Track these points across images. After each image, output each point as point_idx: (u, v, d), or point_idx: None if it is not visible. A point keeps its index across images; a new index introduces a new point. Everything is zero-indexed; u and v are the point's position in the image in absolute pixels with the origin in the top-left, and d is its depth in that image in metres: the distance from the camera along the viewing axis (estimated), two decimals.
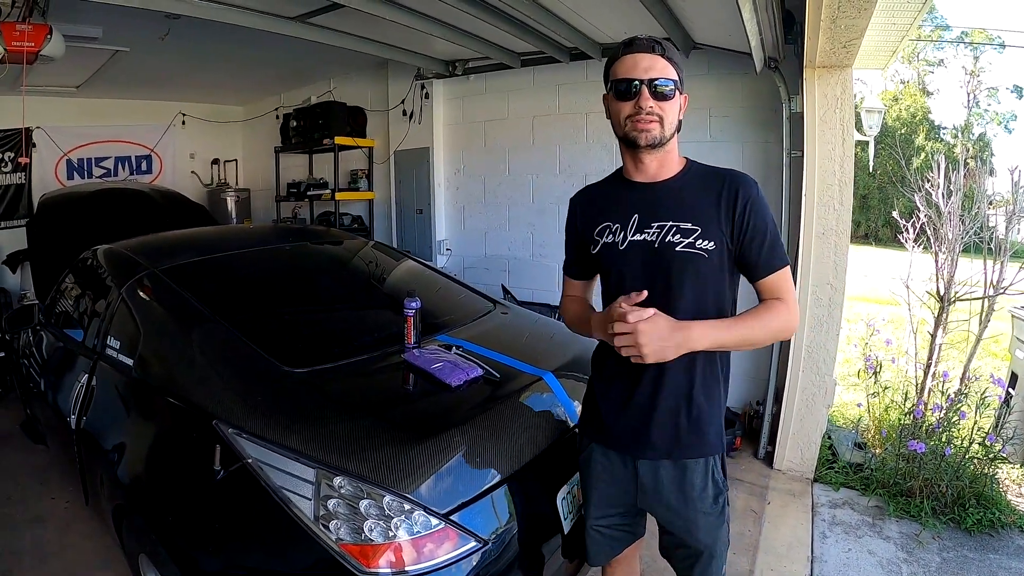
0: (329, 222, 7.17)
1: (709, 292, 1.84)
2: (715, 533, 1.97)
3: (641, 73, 1.78)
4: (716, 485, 1.94)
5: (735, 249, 1.82)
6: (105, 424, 2.76)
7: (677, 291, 1.82)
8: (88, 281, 3.52)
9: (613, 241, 1.91)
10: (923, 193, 4.34)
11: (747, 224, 1.79)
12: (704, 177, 1.88)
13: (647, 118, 1.79)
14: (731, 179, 1.83)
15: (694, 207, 1.82)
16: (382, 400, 2.51)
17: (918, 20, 4.00)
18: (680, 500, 1.94)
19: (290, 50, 5.76)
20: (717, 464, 1.94)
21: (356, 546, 1.83)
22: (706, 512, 1.93)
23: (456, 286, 3.85)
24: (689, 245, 1.79)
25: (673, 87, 1.79)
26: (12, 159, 7.02)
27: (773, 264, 1.82)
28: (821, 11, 3.07)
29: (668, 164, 1.88)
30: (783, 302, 1.83)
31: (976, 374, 4.26)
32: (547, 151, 5.84)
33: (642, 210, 1.87)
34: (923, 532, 3.64)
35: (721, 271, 1.83)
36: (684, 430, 1.88)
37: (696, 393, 1.87)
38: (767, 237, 1.81)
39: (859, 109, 7.71)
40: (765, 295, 1.85)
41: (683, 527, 1.97)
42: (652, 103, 1.78)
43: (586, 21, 4.50)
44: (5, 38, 3.62)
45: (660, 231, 1.83)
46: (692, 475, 1.91)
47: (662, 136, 1.81)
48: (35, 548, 3.46)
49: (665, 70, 1.78)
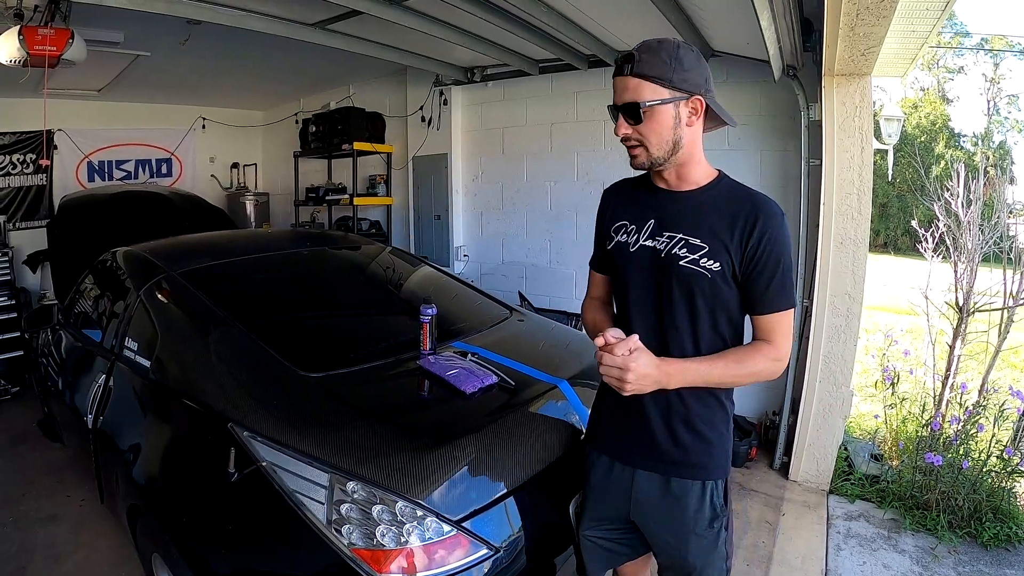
0: (347, 227, 7.19)
1: (707, 312, 1.79)
2: (707, 557, 1.90)
3: (617, 99, 1.75)
4: (713, 509, 1.88)
5: (741, 277, 1.77)
6: (121, 424, 2.78)
7: (676, 304, 1.80)
8: (107, 283, 3.55)
9: (626, 241, 1.90)
10: (942, 202, 4.31)
11: (759, 257, 1.73)
12: (729, 197, 1.81)
13: (628, 145, 1.78)
14: (754, 206, 1.76)
15: (709, 225, 1.77)
16: (397, 406, 2.52)
17: (938, 27, 3.95)
18: (671, 518, 1.90)
19: (309, 56, 5.79)
20: (718, 488, 1.89)
21: (368, 551, 1.83)
22: (698, 534, 1.88)
23: (472, 293, 3.86)
24: (693, 262, 1.76)
25: (649, 103, 1.69)
26: (34, 161, 7.10)
27: (776, 304, 1.76)
28: (840, 18, 3.04)
29: (689, 175, 1.82)
30: (772, 345, 1.78)
31: (995, 386, 4.22)
32: (565, 158, 5.84)
33: (659, 217, 1.85)
34: (939, 546, 3.60)
35: (723, 294, 1.78)
36: (680, 449, 1.86)
37: (692, 416, 1.84)
38: (776, 274, 1.74)
39: (878, 117, 7.66)
40: (758, 333, 1.81)
41: (673, 546, 1.93)
42: (627, 130, 1.75)
43: (604, 29, 4.49)
44: (28, 42, 3.65)
45: (669, 241, 1.80)
46: (687, 496, 1.88)
47: (652, 159, 1.77)
48: (49, 546, 3.49)
49: (637, 90, 1.69)
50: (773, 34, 3.41)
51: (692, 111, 1.74)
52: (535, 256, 6.17)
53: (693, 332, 1.80)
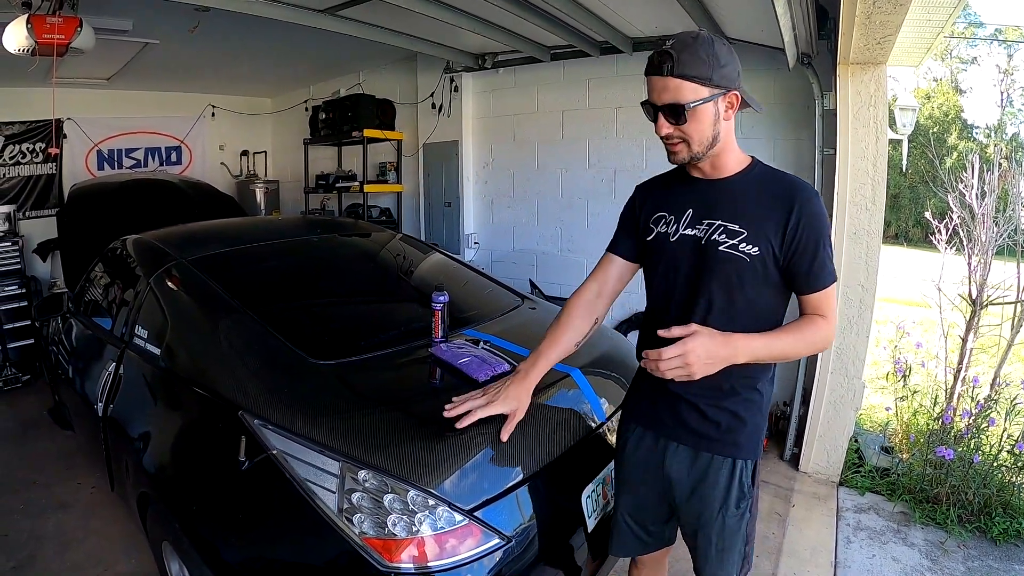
0: (357, 214, 7.17)
1: (748, 296, 1.82)
2: (730, 538, 1.96)
3: (656, 98, 1.75)
4: (741, 489, 1.92)
5: (783, 260, 1.79)
6: (132, 412, 2.79)
7: (716, 290, 1.83)
8: (117, 271, 3.54)
9: (666, 232, 1.94)
10: (956, 194, 4.27)
11: (798, 239, 1.76)
12: (764, 182, 1.85)
13: (669, 143, 1.81)
14: (789, 189, 1.80)
15: (745, 210, 1.81)
16: (408, 394, 2.50)
17: (954, 16, 3.92)
18: (700, 494, 1.95)
19: (319, 43, 5.78)
20: (747, 469, 1.93)
21: (379, 540, 1.83)
22: (724, 513, 1.93)
23: (484, 280, 3.83)
24: (732, 247, 1.79)
25: (692, 104, 1.70)
26: (43, 150, 7.13)
27: (820, 282, 1.80)
28: (856, 6, 3.00)
29: (723, 164, 1.86)
30: (825, 319, 1.82)
31: (1007, 380, 4.19)
32: (576, 146, 5.81)
33: (696, 206, 1.89)
34: (948, 540, 3.58)
35: (764, 277, 1.81)
36: (711, 424, 1.90)
37: (727, 395, 1.88)
38: (818, 253, 1.77)
39: (893, 107, 7.61)
40: (808, 310, 1.85)
41: (700, 521, 1.98)
42: (669, 129, 1.77)
43: (617, 15, 4.47)
44: (36, 31, 3.65)
45: (709, 228, 1.84)
46: (717, 472, 1.92)
47: (692, 154, 1.80)
48: (59, 533, 3.51)
49: (679, 91, 1.70)
50: (788, 21, 3.38)
51: (729, 105, 1.77)
52: (546, 244, 6.16)
53: (733, 315, 1.83)
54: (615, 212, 2.20)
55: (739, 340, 1.74)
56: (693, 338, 1.70)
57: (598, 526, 2.36)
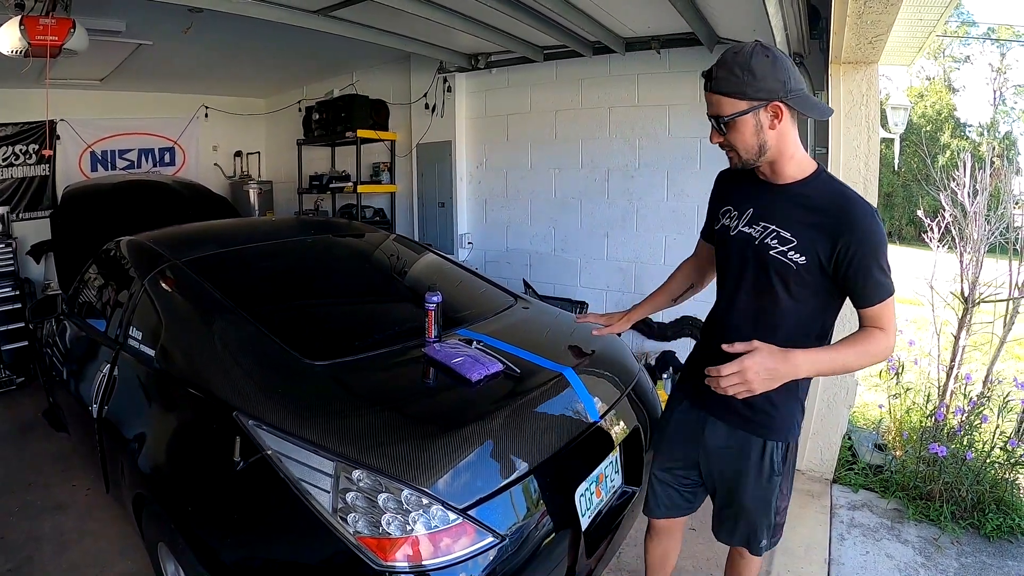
0: (351, 215, 7.19)
1: (792, 301, 1.92)
2: (759, 506, 2.12)
3: (708, 111, 1.89)
4: (772, 467, 2.08)
5: (832, 273, 1.85)
6: (126, 413, 2.78)
7: (765, 288, 1.94)
8: (111, 272, 3.54)
9: (728, 225, 2.08)
10: (949, 192, 4.28)
11: (851, 256, 1.81)
12: (822, 195, 1.90)
13: (724, 150, 1.95)
14: (843, 207, 1.85)
15: (799, 220, 1.89)
16: (402, 394, 2.51)
17: (945, 16, 3.94)
18: (734, 465, 2.13)
19: (313, 43, 5.78)
20: (778, 450, 2.08)
21: (373, 539, 1.83)
22: (755, 481, 2.10)
23: (477, 280, 3.83)
24: (781, 253, 1.89)
25: (729, 117, 1.81)
26: (36, 151, 7.10)
27: (877, 295, 1.85)
28: (847, 6, 3.03)
29: (781, 170, 1.93)
30: (884, 331, 1.87)
31: (999, 377, 4.20)
32: (569, 145, 5.82)
33: (756, 206, 2.00)
34: (942, 536, 3.60)
35: (810, 285, 1.89)
36: (746, 406, 2.03)
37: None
38: (873, 271, 1.82)
39: (885, 106, 7.63)
40: (866, 322, 1.90)
41: (732, 488, 2.16)
42: (718, 139, 1.91)
43: (609, 15, 4.48)
44: (29, 32, 3.64)
45: (764, 231, 1.95)
46: (749, 448, 2.09)
47: (744, 161, 1.91)
48: (56, 535, 3.50)
49: (719, 105, 1.83)
50: (780, 21, 3.39)
51: (773, 115, 1.82)
52: (539, 243, 6.17)
53: (781, 313, 1.94)
54: (608, 212, 2.28)
55: (799, 356, 1.81)
56: (752, 355, 1.76)
57: (592, 524, 2.37)
